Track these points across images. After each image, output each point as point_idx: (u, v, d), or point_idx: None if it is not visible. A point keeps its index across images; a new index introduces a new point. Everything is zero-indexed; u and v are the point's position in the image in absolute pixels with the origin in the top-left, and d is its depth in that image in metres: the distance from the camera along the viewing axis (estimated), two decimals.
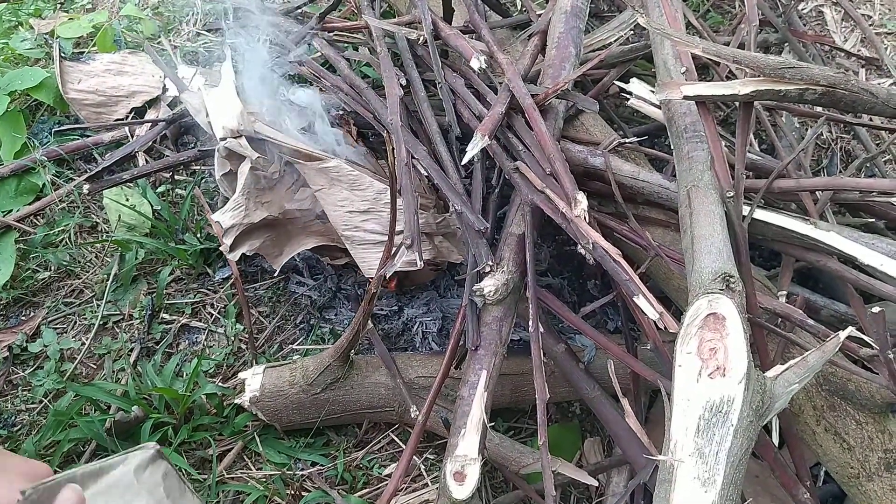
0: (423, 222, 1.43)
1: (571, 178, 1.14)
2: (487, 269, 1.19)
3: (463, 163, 1.26)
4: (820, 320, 1.30)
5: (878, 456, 1.14)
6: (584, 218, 1.10)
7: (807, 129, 1.92)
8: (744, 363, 0.88)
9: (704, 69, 1.70)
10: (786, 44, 2.00)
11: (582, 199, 1.10)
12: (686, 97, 1.15)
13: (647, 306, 1.01)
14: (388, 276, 1.29)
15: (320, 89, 1.62)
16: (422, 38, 1.48)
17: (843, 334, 0.97)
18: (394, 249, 1.24)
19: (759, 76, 1.11)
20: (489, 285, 1.17)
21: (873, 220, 1.53)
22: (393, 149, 1.18)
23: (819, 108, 1.67)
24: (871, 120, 1.80)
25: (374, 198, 1.42)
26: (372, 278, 1.35)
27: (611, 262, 1.07)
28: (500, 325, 1.19)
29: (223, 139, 1.41)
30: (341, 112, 1.57)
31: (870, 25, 2.16)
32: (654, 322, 1.03)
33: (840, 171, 1.89)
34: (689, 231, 1.06)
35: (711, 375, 0.90)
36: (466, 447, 1.08)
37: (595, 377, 1.32)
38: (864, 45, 2.15)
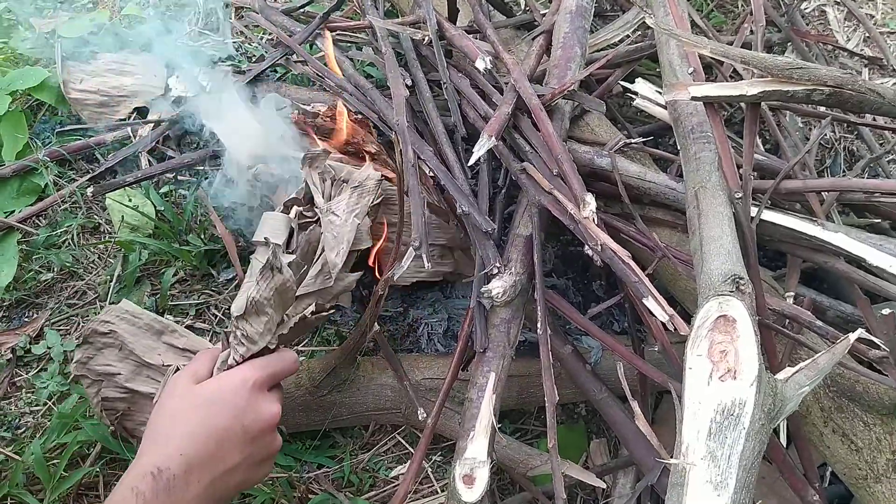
0: (448, 236, 1.44)
1: (579, 180, 1.14)
2: (495, 270, 1.18)
3: (470, 164, 1.25)
4: (826, 321, 1.29)
5: (886, 458, 1.14)
6: (593, 219, 1.09)
7: (810, 128, 1.92)
8: (755, 366, 0.88)
9: (707, 68, 1.69)
10: (789, 43, 2.00)
11: (590, 201, 1.10)
12: (694, 98, 1.15)
13: (658, 309, 1.01)
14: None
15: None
16: (426, 39, 1.47)
17: (852, 336, 0.97)
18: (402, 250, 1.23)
19: (766, 77, 1.11)
20: (497, 287, 1.16)
21: (878, 220, 1.54)
22: (400, 150, 1.18)
23: (823, 108, 1.67)
24: (874, 120, 1.80)
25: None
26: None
27: (620, 264, 1.07)
28: (508, 327, 1.19)
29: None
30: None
31: (872, 25, 2.16)
32: (664, 324, 1.02)
33: (843, 171, 1.89)
34: (697, 233, 1.06)
35: (722, 378, 0.89)
36: (475, 450, 1.07)
37: (602, 378, 1.32)
38: (867, 45, 2.15)
